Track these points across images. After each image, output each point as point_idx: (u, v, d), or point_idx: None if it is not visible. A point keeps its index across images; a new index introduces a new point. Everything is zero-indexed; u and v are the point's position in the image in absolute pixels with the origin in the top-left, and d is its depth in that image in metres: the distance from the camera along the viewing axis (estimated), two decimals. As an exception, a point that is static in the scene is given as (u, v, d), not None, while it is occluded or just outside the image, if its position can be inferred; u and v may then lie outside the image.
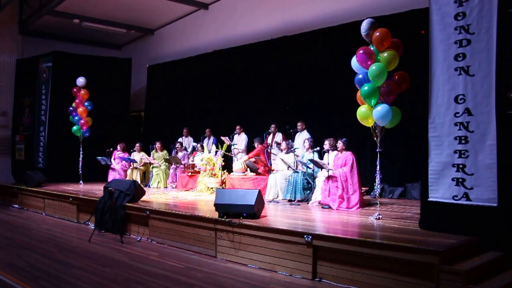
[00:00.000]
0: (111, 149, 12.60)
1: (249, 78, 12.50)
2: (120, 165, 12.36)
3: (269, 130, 10.52)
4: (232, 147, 10.89)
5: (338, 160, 7.85)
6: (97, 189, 10.56)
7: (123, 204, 8.02)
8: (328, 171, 7.78)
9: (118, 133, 14.14)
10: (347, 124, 9.39)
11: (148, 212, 7.53)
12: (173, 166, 11.90)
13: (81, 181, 12.50)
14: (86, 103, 12.54)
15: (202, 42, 14.16)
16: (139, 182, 10.18)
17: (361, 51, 6.22)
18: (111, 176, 12.14)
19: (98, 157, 12.07)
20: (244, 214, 6.24)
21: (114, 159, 12.49)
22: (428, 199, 5.38)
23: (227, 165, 10.89)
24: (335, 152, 8.07)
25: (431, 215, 5.38)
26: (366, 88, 6.18)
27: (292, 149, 9.11)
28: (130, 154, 12.51)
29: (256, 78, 12.31)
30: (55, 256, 6.39)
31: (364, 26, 6.25)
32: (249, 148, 10.85)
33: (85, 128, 12.46)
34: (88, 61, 14.37)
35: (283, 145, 9.36)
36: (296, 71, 11.34)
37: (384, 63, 6.05)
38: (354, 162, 7.65)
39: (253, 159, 10.05)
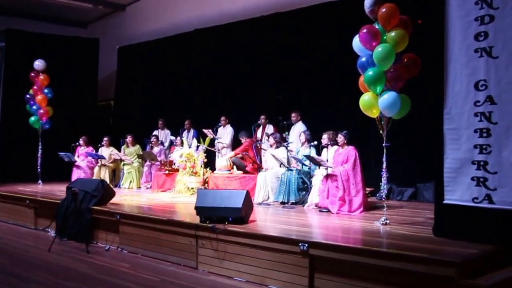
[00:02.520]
0: (76, 143, 12.50)
1: (236, 61, 12.44)
2: (86, 162, 12.25)
3: (259, 122, 10.47)
4: (216, 141, 10.83)
5: (338, 156, 7.81)
6: (59, 190, 10.46)
7: (89, 207, 7.95)
8: (326, 168, 7.74)
9: (84, 125, 14.04)
10: (348, 114, 9.32)
11: (118, 217, 7.47)
12: (147, 163, 11.82)
13: (40, 181, 12.37)
14: (45, 90, 12.42)
15: (182, 19, 14.07)
16: (108, 182, 10.10)
17: (364, 30, 6.17)
18: (75, 174, 12.03)
19: (61, 153, 11.96)
20: (230, 219, 6.19)
21: (78, 156, 12.41)
22: (444, 202, 5.33)
23: (210, 162, 10.83)
24: (335, 147, 8.03)
25: (447, 220, 5.34)
26: (370, 73, 6.14)
27: (282, 143, 9.05)
28: (97, 149, 12.38)
29: (243, 61, 12.26)
30: (9, 269, 6.28)
31: (368, 1, 6.18)
32: (235, 143, 10.80)
33: (44, 119, 12.34)
34: (48, 41, 14.26)
35: (271, 139, 9.33)
36: (290, 54, 11.28)
37: (391, 44, 6.01)
38: (357, 158, 7.62)
39: (240, 155, 10.00)
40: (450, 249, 4.75)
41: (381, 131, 6.34)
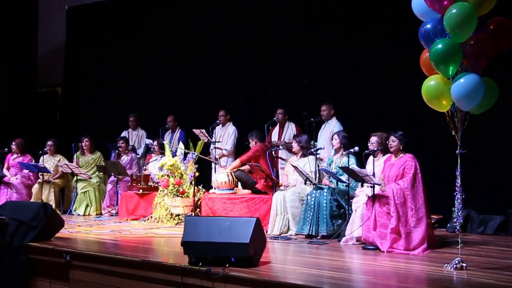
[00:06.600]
0: (5, 149, 12.55)
1: (242, 30, 12.50)
2: (20, 177, 12.33)
3: (274, 119, 10.55)
4: (212, 146, 10.90)
5: (390, 168, 7.83)
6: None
7: (24, 243, 7.94)
8: (373, 186, 7.74)
9: (17, 122, 14.02)
10: (402, 108, 9.38)
11: (68, 257, 7.45)
12: (112, 178, 11.89)
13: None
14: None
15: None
16: (54, 206, 10.13)
17: (431, -17, 6.19)
18: (4, 195, 12.09)
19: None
20: (233, 259, 6.21)
21: (9, 168, 12.49)
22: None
23: (204, 177, 10.91)
24: (387, 155, 8.07)
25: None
26: (439, 46, 6.13)
27: (311, 149, 9.08)
28: (37, 159, 12.42)
29: (253, 30, 12.31)
30: None
31: None
32: (241, 149, 10.87)
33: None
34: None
35: (295, 144, 9.38)
36: (320, 21, 11.34)
37: (471, 3, 5.98)
38: (419, 171, 7.62)
39: (246, 167, 10.05)
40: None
41: (453, 132, 6.32)
